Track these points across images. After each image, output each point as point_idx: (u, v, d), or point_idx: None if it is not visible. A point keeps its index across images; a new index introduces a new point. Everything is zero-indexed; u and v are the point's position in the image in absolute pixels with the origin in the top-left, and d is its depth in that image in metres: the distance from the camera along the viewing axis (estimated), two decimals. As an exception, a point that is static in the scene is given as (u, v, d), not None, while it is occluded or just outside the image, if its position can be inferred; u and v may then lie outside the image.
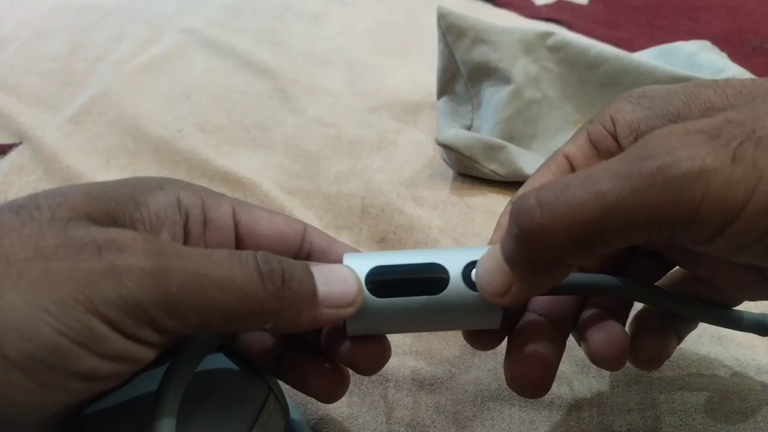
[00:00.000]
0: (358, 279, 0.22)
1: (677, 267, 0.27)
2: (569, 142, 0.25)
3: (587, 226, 0.17)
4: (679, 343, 0.27)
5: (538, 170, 0.26)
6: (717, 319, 0.28)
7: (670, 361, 0.32)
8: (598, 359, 0.24)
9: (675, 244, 0.18)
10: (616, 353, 0.24)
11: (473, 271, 0.22)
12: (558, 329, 0.25)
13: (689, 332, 0.27)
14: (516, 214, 0.19)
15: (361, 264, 0.22)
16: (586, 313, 0.26)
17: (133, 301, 0.17)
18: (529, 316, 0.25)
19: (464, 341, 0.33)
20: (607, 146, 0.24)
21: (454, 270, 0.22)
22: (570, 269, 0.21)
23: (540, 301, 0.25)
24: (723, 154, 0.16)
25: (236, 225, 0.23)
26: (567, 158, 0.25)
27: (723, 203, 0.16)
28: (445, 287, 0.22)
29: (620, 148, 0.23)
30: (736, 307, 0.28)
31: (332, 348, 0.24)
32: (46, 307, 0.16)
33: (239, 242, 0.24)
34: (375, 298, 0.22)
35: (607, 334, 0.24)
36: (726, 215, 0.16)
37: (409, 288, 0.22)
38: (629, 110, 0.23)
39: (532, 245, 0.19)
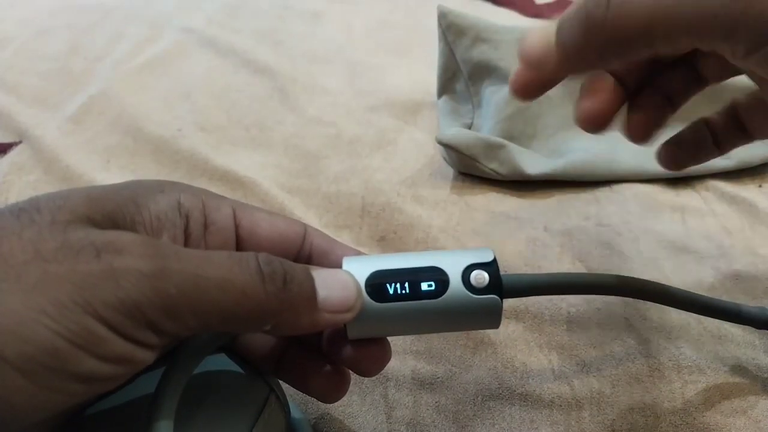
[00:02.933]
0: (357, 284, 0.22)
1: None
2: None
3: (643, 21, 0.20)
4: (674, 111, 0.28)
5: None
6: (712, 312, 0.28)
7: (670, 359, 0.32)
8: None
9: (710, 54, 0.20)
10: None
11: (472, 274, 0.22)
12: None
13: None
14: (589, 2, 0.20)
15: (360, 268, 0.22)
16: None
17: (132, 303, 0.17)
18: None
19: (464, 341, 0.33)
20: None
21: (454, 274, 0.22)
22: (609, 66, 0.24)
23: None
24: None
25: (237, 227, 0.23)
26: None
27: (764, 15, 0.18)
28: (445, 291, 0.22)
29: None
30: (731, 300, 0.28)
31: (333, 350, 0.24)
32: (44, 310, 0.16)
33: (240, 244, 0.24)
34: (375, 302, 0.22)
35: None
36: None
37: (409, 292, 0.22)
38: None
39: (590, 35, 0.21)
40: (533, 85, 0.25)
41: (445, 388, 0.31)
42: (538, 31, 0.23)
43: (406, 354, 0.33)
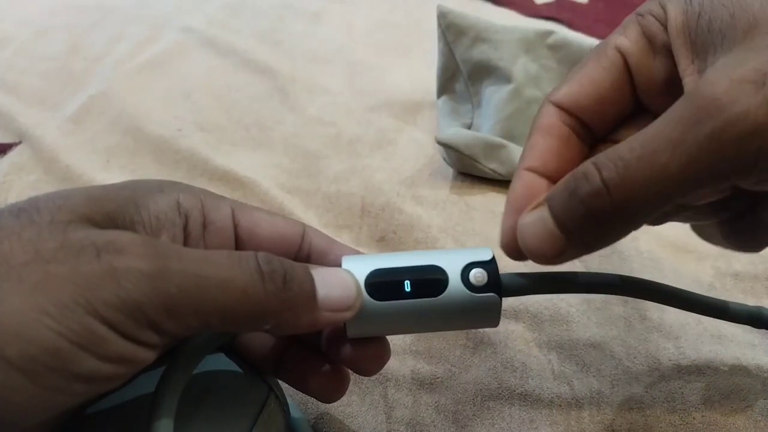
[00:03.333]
0: (357, 283, 0.22)
1: None
2: (619, 35, 0.24)
3: (651, 200, 0.18)
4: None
5: (586, 63, 0.24)
6: (711, 311, 0.28)
7: (669, 359, 0.32)
8: None
9: None
10: None
11: (471, 272, 0.22)
12: None
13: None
14: (585, 196, 0.19)
15: (360, 267, 0.22)
16: None
17: (133, 302, 0.17)
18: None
19: (464, 340, 0.33)
20: (662, 41, 0.22)
21: (453, 272, 0.22)
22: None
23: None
24: None
25: (236, 227, 0.23)
26: (620, 52, 0.23)
27: None
28: (444, 290, 0.22)
29: (671, 46, 0.22)
30: (731, 298, 0.28)
31: (332, 349, 0.24)
32: (46, 310, 0.16)
33: (239, 244, 0.24)
34: (374, 301, 0.22)
35: None
36: None
37: (408, 291, 0.22)
38: (680, 8, 0.21)
39: (600, 223, 0.19)
40: None
41: (445, 388, 0.31)
42: (532, 225, 0.21)
43: (405, 354, 0.33)
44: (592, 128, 0.24)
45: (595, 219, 0.19)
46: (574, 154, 0.24)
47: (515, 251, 0.23)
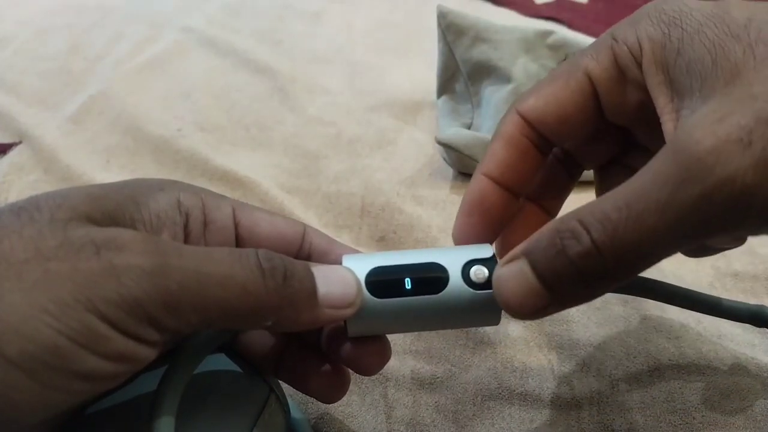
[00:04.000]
0: (357, 280, 0.22)
1: None
2: (589, 57, 0.23)
3: (641, 260, 0.19)
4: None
5: (552, 79, 0.24)
6: (712, 309, 0.28)
7: (669, 359, 0.32)
8: None
9: None
10: None
11: (471, 269, 0.22)
12: None
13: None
14: (575, 257, 0.19)
15: (360, 265, 0.22)
16: None
17: (133, 299, 0.17)
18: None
19: (464, 340, 0.33)
20: (634, 75, 0.22)
21: (454, 269, 0.22)
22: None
23: None
24: (762, 166, 0.16)
25: (236, 226, 0.24)
26: (589, 76, 0.23)
27: (765, 210, 0.17)
28: (445, 287, 0.22)
29: (644, 82, 0.22)
30: (731, 298, 0.28)
31: (333, 349, 0.24)
32: (46, 308, 0.16)
33: (239, 243, 0.24)
34: (375, 298, 0.22)
35: None
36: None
37: (409, 288, 0.22)
38: (658, 43, 0.21)
39: (591, 282, 0.19)
40: None
41: (445, 387, 0.31)
42: (510, 280, 0.20)
43: (405, 354, 0.33)
44: (552, 142, 0.24)
45: (585, 278, 0.19)
46: (531, 166, 0.25)
47: None
